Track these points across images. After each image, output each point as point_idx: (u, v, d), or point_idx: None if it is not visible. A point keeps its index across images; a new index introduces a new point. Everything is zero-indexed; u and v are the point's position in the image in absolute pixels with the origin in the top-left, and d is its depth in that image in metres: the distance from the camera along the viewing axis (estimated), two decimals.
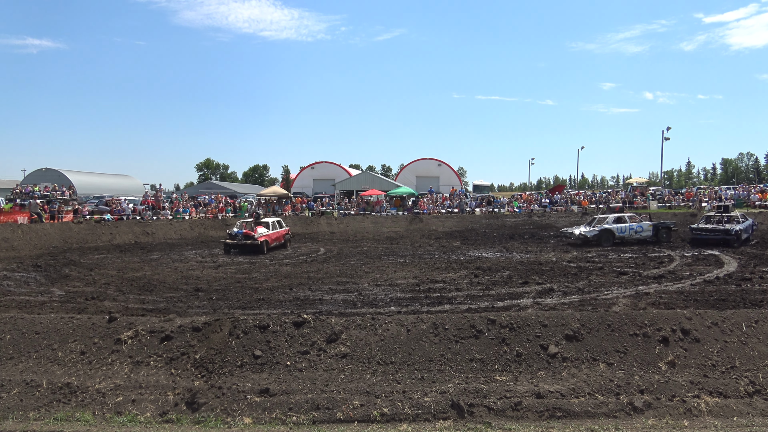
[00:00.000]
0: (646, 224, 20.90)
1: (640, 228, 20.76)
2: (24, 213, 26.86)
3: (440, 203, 39.12)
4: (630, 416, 4.95)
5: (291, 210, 37.07)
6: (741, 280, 11.61)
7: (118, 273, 15.03)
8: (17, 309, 9.58)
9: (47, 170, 49.84)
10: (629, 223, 20.88)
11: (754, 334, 6.07)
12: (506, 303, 9.83)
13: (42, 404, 5.40)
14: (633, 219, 21.37)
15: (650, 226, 20.81)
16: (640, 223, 21.04)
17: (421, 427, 4.85)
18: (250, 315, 7.86)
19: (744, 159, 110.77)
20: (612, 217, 21.29)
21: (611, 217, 21.41)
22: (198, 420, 5.05)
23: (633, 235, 20.72)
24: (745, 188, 40.01)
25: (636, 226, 20.79)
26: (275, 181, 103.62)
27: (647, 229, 20.78)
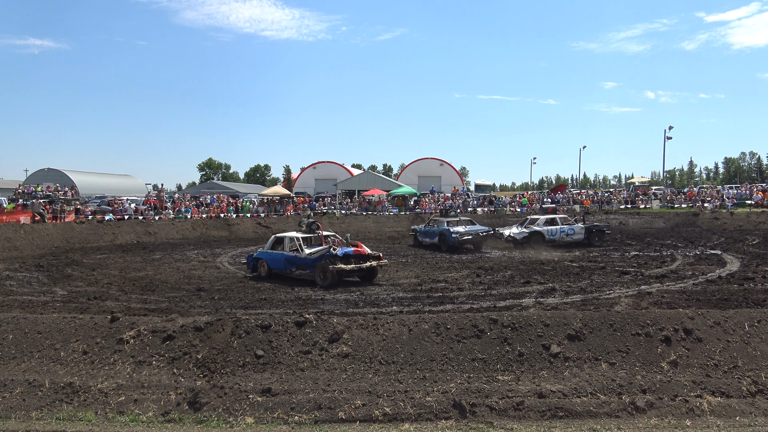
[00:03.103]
0: (578, 227, 20.58)
1: (571, 231, 20.45)
2: (26, 213, 26.92)
3: (442, 203, 39.10)
4: (632, 416, 4.94)
5: (293, 210, 37.09)
6: (743, 280, 11.58)
7: (121, 273, 15.06)
8: (20, 309, 9.61)
9: (49, 170, 49.90)
10: (560, 226, 20.53)
11: (756, 334, 6.05)
12: (508, 303, 9.82)
13: (44, 404, 5.41)
14: (565, 221, 21.02)
15: (582, 229, 20.53)
16: (571, 225, 20.70)
17: (423, 426, 4.85)
18: (252, 315, 7.88)
19: (746, 158, 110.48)
20: (543, 219, 20.95)
21: (542, 218, 21.05)
22: (200, 420, 5.06)
23: (564, 237, 20.40)
24: (747, 187, 39.92)
25: (567, 229, 20.46)
26: (277, 180, 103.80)
27: (579, 231, 20.47)
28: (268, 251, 13.69)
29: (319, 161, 59.22)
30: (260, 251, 14.10)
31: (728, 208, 32.86)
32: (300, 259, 12.76)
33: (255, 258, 14.00)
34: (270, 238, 14.13)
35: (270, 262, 13.50)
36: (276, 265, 13.34)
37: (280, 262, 13.25)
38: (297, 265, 12.84)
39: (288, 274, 13.04)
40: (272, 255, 13.51)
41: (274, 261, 13.40)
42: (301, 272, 12.77)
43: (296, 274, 12.88)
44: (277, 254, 13.40)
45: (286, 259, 13.09)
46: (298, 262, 12.80)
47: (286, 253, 13.17)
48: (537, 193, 45.74)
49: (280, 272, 13.24)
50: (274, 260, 13.40)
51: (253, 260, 14.07)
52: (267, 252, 13.73)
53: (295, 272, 12.88)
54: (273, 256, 13.46)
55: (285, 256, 13.15)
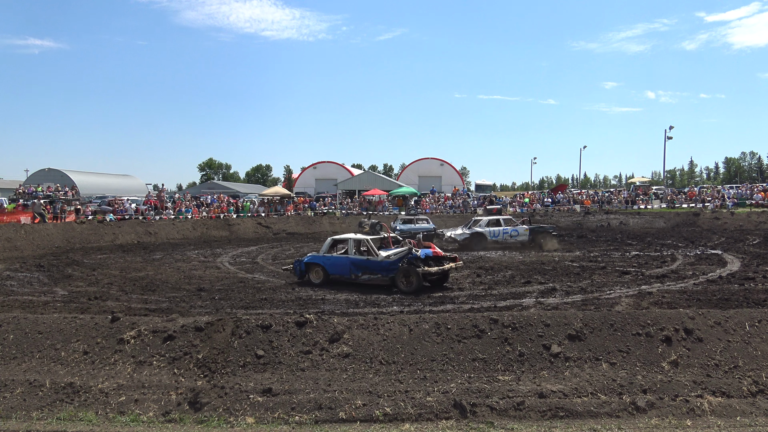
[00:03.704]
0: (521, 228, 20.43)
1: (515, 232, 20.30)
2: (27, 213, 26.93)
3: (442, 203, 39.10)
4: (633, 416, 4.94)
5: (293, 210, 37.10)
6: (744, 280, 11.57)
7: (121, 273, 15.06)
8: (20, 309, 9.61)
9: (50, 170, 49.92)
10: (503, 227, 20.41)
11: (757, 334, 6.05)
12: (509, 302, 9.82)
13: (45, 404, 5.42)
14: (509, 222, 20.89)
15: (526, 230, 20.37)
16: (515, 227, 20.55)
17: (423, 426, 4.85)
18: (253, 315, 7.88)
19: (747, 158, 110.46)
20: (485, 220, 20.81)
21: (484, 220, 20.91)
22: (201, 420, 5.06)
23: (507, 239, 20.26)
24: (747, 187, 39.91)
25: (511, 230, 20.30)
26: (278, 180, 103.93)
27: (523, 233, 20.31)
28: (326, 255, 12.40)
29: (320, 161, 59.27)
30: (312, 255, 12.78)
31: (729, 207, 32.86)
32: (374, 263, 11.66)
33: (306, 263, 12.58)
34: (326, 240, 12.83)
35: (330, 266, 12.23)
36: (338, 270, 12.16)
37: (343, 267, 12.05)
38: (368, 269, 11.76)
39: (353, 279, 11.96)
40: (333, 259, 12.27)
41: (335, 266, 12.19)
42: (371, 277, 11.77)
43: (363, 280, 11.85)
44: (339, 258, 12.20)
45: (353, 263, 11.89)
46: (370, 266, 11.71)
47: (354, 257, 11.97)
48: (537, 193, 45.72)
49: (341, 278, 12.15)
50: (335, 265, 12.19)
51: (302, 265, 12.64)
52: (324, 256, 12.40)
53: (362, 277, 11.83)
54: (334, 261, 12.24)
55: (352, 259, 11.94)
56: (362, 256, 11.93)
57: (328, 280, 12.26)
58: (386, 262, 11.56)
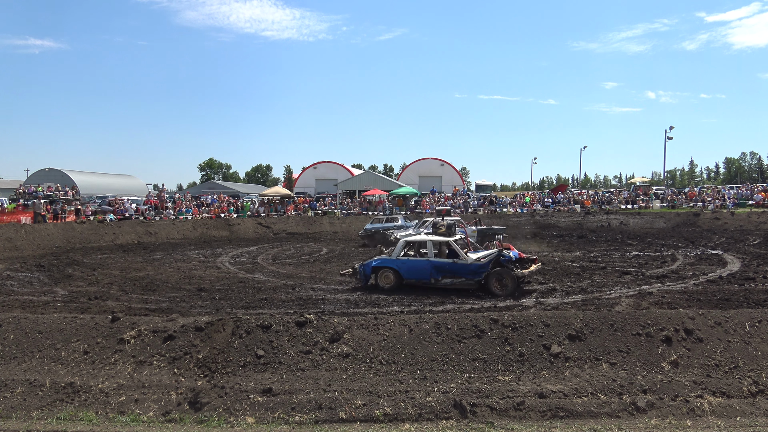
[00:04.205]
0: (470, 230, 20.12)
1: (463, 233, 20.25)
2: (27, 213, 26.94)
3: (443, 203, 39.10)
4: (633, 416, 4.94)
5: (293, 210, 37.11)
6: (744, 280, 11.57)
7: (121, 273, 15.07)
8: (20, 309, 9.62)
9: (50, 170, 49.91)
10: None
11: (757, 334, 6.05)
12: (509, 302, 9.82)
13: (45, 404, 5.42)
14: (458, 224, 20.28)
15: (474, 232, 20.18)
16: (463, 229, 19.92)
17: (423, 426, 4.85)
18: (253, 315, 7.88)
19: (747, 158, 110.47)
20: (432, 222, 20.30)
21: (431, 221, 20.41)
22: (201, 419, 5.06)
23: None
24: (748, 187, 39.90)
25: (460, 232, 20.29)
26: (278, 180, 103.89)
27: (471, 235, 19.73)
28: (400, 258, 11.55)
29: (320, 161, 59.20)
30: (383, 259, 11.82)
31: (729, 208, 32.86)
32: (461, 267, 10.97)
33: (376, 267, 11.68)
34: (398, 243, 11.91)
35: (405, 270, 11.44)
36: (415, 274, 11.39)
37: (422, 271, 11.28)
38: (453, 273, 11.06)
39: (432, 284, 11.21)
40: (409, 263, 11.46)
41: (412, 269, 11.40)
42: (454, 281, 11.08)
43: (444, 284, 11.14)
44: (418, 261, 11.39)
45: (435, 266, 11.17)
46: (456, 269, 11.02)
47: (435, 260, 11.23)
48: (538, 194, 45.72)
49: (418, 282, 11.39)
50: (413, 268, 11.40)
51: (367, 269, 11.76)
52: (399, 259, 11.55)
53: (443, 281, 11.14)
54: (411, 264, 11.43)
55: (434, 263, 11.18)
56: (447, 259, 11.22)
57: (401, 285, 11.47)
58: (475, 266, 10.87)
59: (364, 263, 11.99)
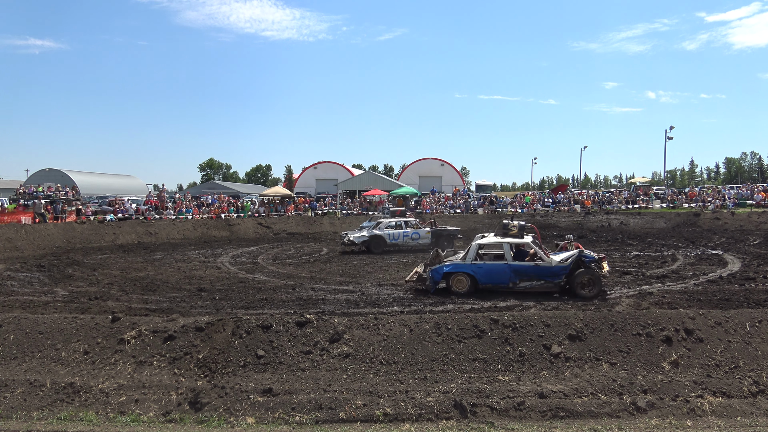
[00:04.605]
0: (423, 231, 20.26)
1: (416, 235, 20.15)
2: (27, 213, 26.94)
3: (443, 203, 39.11)
4: (633, 416, 4.94)
5: (294, 210, 37.12)
6: (745, 280, 11.57)
7: (122, 273, 15.07)
8: (21, 309, 9.62)
9: (50, 170, 49.93)
10: (404, 230, 20.24)
11: (757, 334, 6.05)
12: (509, 303, 9.82)
13: (45, 404, 5.42)
14: (410, 225, 20.70)
15: (428, 233, 20.20)
16: (416, 229, 20.36)
17: (423, 426, 4.85)
18: (253, 315, 7.88)
19: (747, 158, 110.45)
20: (386, 223, 20.66)
21: (385, 222, 20.76)
22: (201, 420, 5.06)
23: (409, 242, 20.14)
24: (748, 187, 39.90)
25: (412, 233, 20.14)
26: (278, 181, 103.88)
27: (425, 236, 20.17)
28: (476, 263, 11.01)
29: (320, 161, 59.24)
30: (455, 263, 11.16)
31: (729, 208, 32.84)
32: (543, 269, 10.66)
33: (449, 272, 11.09)
34: (471, 246, 11.32)
35: (482, 275, 10.94)
36: (493, 278, 10.93)
37: (501, 275, 10.85)
38: (533, 276, 10.72)
39: (511, 287, 10.83)
40: (486, 267, 10.97)
41: (490, 273, 10.93)
42: (533, 284, 10.75)
43: (522, 287, 10.78)
44: (496, 265, 10.94)
45: (514, 270, 10.78)
46: (538, 272, 10.70)
47: (514, 263, 10.83)
48: (538, 194, 45.71)
49: (495, 287, 10.97)
50: (490, 272, 10.93)
51: (438, 275, 11.16)
52: (474, 264, 11.01)
53: (521, 285, 10.78)
54: (488, 268, 10.95)
55: (513, 266, 10.79)
56: (527, 262, 10.90)
57: (476, 290, 10.97)
58: (558, 268, 10.57)
59: (434, 268, 11.33)
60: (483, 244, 11.41)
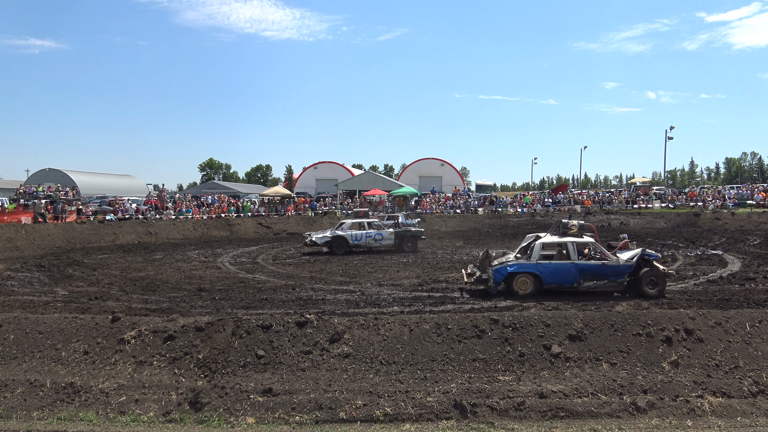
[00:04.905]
0: (386, 232, 20.22)
1: (379, 236, 20.14)
2: (27, 213, 26.94)
3: (443, 203, 39.12)
4: (633, 416, 4.95)
5: (294, 210, 37.12)
6: (745, 280, 11.57)
7: (122, 273, 15.07)
8: (21, 309, 9.62)
9: (50, 170, 49.92)
10: (367, 231, 20.25)
11: (758, 334, 6.05)
12: (509, 303, 9.82)
13: (45, 404, 5.42)
14: (373, 226, 20.69)
15: (391, 234, 20.20)
16: (379, 230, 20.34)
17: (424, 426, 4.85)
18: (253, 315, 7.88)
19: (747, 158, 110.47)
20: (348, 223, 20.69)
21: (348, 222, 20.81)
22: (201, 420, 5.06)
23: (371, 242, 20.16)
24: (748, 187, 39.90)
25: (375, 234, 20.15)
26: (278, 181, 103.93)
27: (388, 237, 20.15)
28: (541, 263, 10.74)
29: (320, 161, 59.22)
30: (520, 264, 10.78)
31: (729, 208, 32.85)
32: (609, 268, 10.49)
33: (513, 273, 10.71)
34: (534, 246, 10.94)
35: (548, 275, 10.66)
36: (558, 278, 10.67)
37: (567, 275, 10.61)
38: (599, 275, 10.56)
39: (575, 287, 10.65)
40: (551, 266, 10.70)
41: (555, 273, 10.66)
42: (597, 283, 10.61)
43: (587, 287, 10.61)
44: (561, 265, 10.67)
45: (580, 269, 10.56)
46: (603, 271, 10.53)
47: (581, 263, 10.60)
48: (538, 194, 45.72)
49: (560, 287, 10.74)
50: (556, 272, 10.66)
51: (501, 276, 10.74)
52: (539, 264, 10.73)
53: (585, 284, 10.62)
54: (554, 268, 10.69)
55: (579, 266, 10.56)
56: (594, 261, 10.66)
57: (541, 290, 10.70)
58: (624, 266, 10.43)
59: (496, 268, 10.86)
60: (546, 243, 11.05)
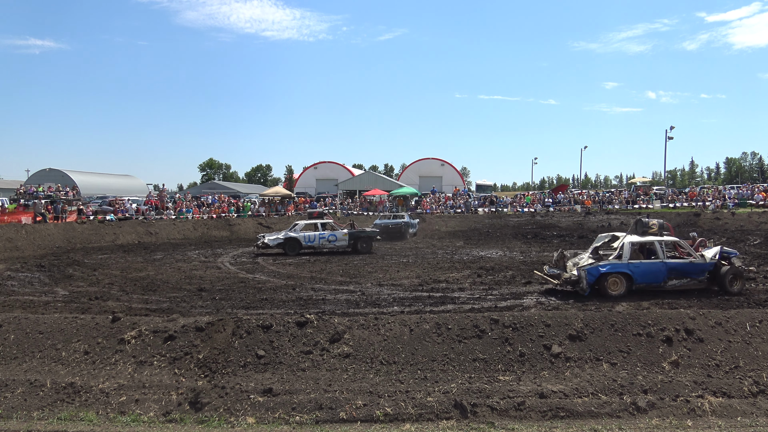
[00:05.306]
0: (340, 233, 20.23)
1: (333, 237, 20.15)
2: (28, 213, 26.95)
3: (443, 203, 39.12)
4: (633, 416, 4.95)
5: (294, 210, 37.12)
6: (745, 280, 11.54)
7: (122, 273, 15.08)
8: (21, 309, 9.62)
9: (51, 170, 49.95)
10: (320, 232, 20.26)
11: (758, 334, 6.05)
12: (509, 303, 9.82)
13: (46, 404, 5.42)
14: (327, 227, 20.72)
15: (345, 235, 20.19)
16: (333, 231, 20.37)
17: (424, 426, 4.85)
18: (254, 315, 7.88)
19: (748, 158, 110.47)
20: (301, 224, 20.65)
21: (300, 224, 20.76)
22: (201, 420, 5.06)
23: (325, 244, 20.16)
24: (748, 187, 39.89)
25: (328, 235, 20.16)
26: (278, 181, 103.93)
27: (342, 238, 20.15)
28: (632, 262, 10.44)
29: (321, 161, 59.29)
30: (612, 263, 10.42)
31: (729, 208, 32.84)
32: (696, 266, 10.49)
33: (606, 273, 10.34)
34: (624, 245, 10.60)
35: (639, 274, 10.39)
36: (648, 277, 10.46)
37: (657, 274, 10.43)
38: (685, 273, 10.53)
39: (661, 286, 10.51)
40: (643, 266, 10.43)
41: (647, 273, 10.43)
42: (681, 282, 10.56)
43: (672, 286, 10.53)
44: (652, 264, 10.47)
45: (670, 268, 10.44)
46: (690, 269, 10.52)
47: (670, 261, 10.47)
48: (538, 194, 45.71)
49: (648, 286, 10.55)
50: (647, 272, 10.43)
51: (593, 276, 10.33)
52: (631, 263, 10.42)
53: (670, 283, 10.53)
54: (645, 267, 10.43)
55: (669, 264, 10.42)
56: (680, 260, 10.64)
57: (630, 291, 10.43)
58: (708, 264, 10.45)
59: (589, 268, 10.45)
60: (638, 242, 10.82)
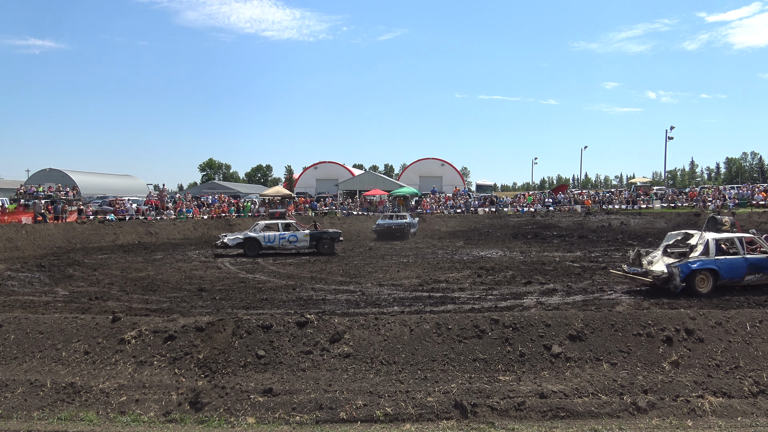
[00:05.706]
0: (301, 234, 20.07)
1: (293, 237, 19.99)
2: (28, 213, 26.96)
3: (443, 203, 39.11)
4: (633, 416, 4.94)
5: (294, 210, 37.12)
6: None
7: (122, 273, 15.07)
8: (21, 309, 9.62)
9: (51, 170, 49.95)
10: (281, 232, 20.11)
11: (758, 334, 6.05)
12: (509, 303, 9.81)
13: (46, 404, 5.43)
14: (289, 227, 20.57)
15: (307, 236, 20.03)
16: (294, 232, 20.21)
17: (424, 427, 4.85)
18: (254, 315, 7.88)
19: (748, 158, 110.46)
20: (261, 225, 20.51)
21: (261, 224, 20.62)
22: (201, 420, 5.06)
23: (286, 244, 20.00)
24: (749, 187, 39.88)
25: (289, 236, 20.00)
26: (278, 181, 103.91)
27: (303, 239, 19.99)
28: (718, 258, 10.52)
29: (321, 161, 59.27)
30: (701, 260, 10.38)
31: (730, 208, 32.83)
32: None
33: (696, 270, 10.32)
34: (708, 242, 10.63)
35: (725, 270, 10.49)
36: (732, 273, 10.59)
37: (739, 269, 10.62)
38: (762, 269, 10.75)
39: (740, 282, 10.71)
40: (729, 261, 10.55)
41: (731, 269, 10.56)
42: (757, 277, 10.76)
43: (747, 281, 10.73)
44: (735, 260, 10.61)
45: (750, 263, 10.66)
46: (766, 264, 10.79)
47: (750, 257, 10.73)
48: (538, 194, 45.70)
49: (730, 282, 10.66)
50: (730, 268, 10.56)
51: (689, 273, 10.28)
52: (717, 260, 10.48)
53: (746, 279, 10.72)
54: (730, 264, 10.55)
55: (749, 260, 10.66)
56: (758, 255, 10.86)
57: (716, 287, 10.50)
58: None
59: (680, 265, 10.35)
60: (719, 239, 10.93)
